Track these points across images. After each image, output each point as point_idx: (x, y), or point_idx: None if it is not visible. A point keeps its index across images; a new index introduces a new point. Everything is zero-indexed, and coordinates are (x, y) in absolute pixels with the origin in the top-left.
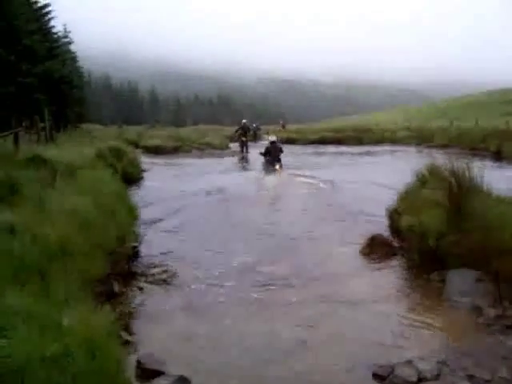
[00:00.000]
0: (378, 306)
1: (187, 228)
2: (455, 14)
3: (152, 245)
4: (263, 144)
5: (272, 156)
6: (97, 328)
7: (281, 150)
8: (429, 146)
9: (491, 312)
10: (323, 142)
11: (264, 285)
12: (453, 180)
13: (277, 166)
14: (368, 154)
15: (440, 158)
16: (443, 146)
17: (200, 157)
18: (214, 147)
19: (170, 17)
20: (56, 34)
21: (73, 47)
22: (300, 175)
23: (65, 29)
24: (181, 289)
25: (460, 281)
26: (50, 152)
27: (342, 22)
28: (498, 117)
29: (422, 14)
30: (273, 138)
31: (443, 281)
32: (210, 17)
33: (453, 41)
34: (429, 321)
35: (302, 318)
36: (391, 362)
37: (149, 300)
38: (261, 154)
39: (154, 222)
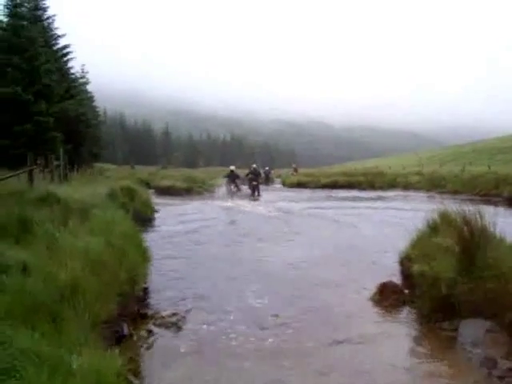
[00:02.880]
0: (389, 356)
1: (198, 270)
2: (468, 59)
3: (163, 286)
4: (276, 187)
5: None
6: (106, 371)
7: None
8: (441, 192)
9: (505, 364)
10: (335, 186)
11: (275, 329)
12: (465, 227)
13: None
14: (380, 199)
15: (452, 204)
16: (455, 192)
17: (212, 198)
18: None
19: (181, 57)
20: (74, 74)
21: (89, 87)
22: (311, 215)
23: (82, 69)
24: (191, 332)
25: (473, 331)
26: (63, 191)
27: (356, 66)
28: (510, 163)
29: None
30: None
31: (455, 330)
32: (222, 58)
33: (465, 87)
34: (441, 372)
35: (313, 366)
36: None
37: (158, 343)
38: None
39: (165, 263)
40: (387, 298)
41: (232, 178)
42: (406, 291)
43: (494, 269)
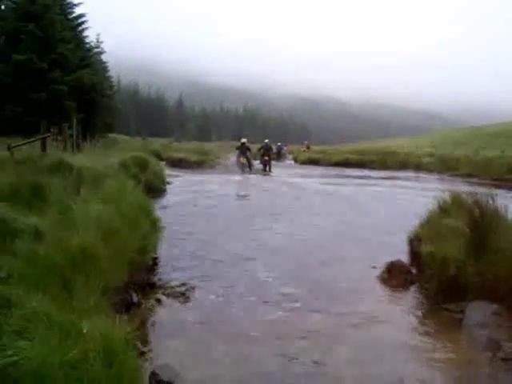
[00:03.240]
0: (394, 334)
1: (208, 243)
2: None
3: (172, 257)
4: (288, 164)
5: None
6: (115, 337)
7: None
8: (453, 174)
9: (509, 347)
10: (346, 164)
11: (282, 303)
12: (475, 209)
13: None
14: (391, 178)
15: (464, 187)
16: (467, 175)
17: (223, 172)
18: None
19: (197, 28)
20: (89, 43)
21: (103, 56)
22: (321, 193)
23: (97, 39)
24: (199, 303)
25: (479, 313)
26: (76, 159)
27: (372, 43)
28: None
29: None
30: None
31: (461, 312)
32: (239, 29)
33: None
34: (445, 352)
35: (320, 341)
36: None
37: (166, 312)
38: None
39: (175, 234)
40: (395, 277)
41: (243, 150)
42: (414, 271)
43: (504, 252)
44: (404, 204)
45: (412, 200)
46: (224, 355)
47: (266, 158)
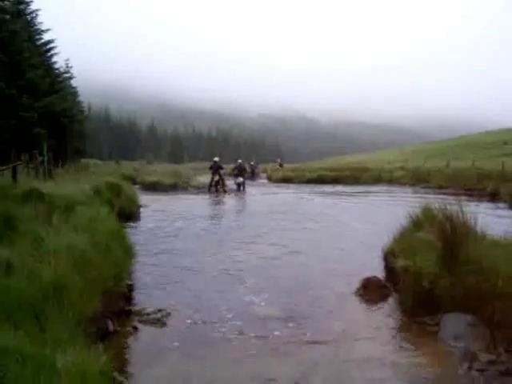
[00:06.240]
0: (371, 349)
1: (183, 266)
2: (451, 55)
3: (148, 283)
4: (262, 183)
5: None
6: (90, 369)
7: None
8: (425, 187)
9: (485, 357)
10: (320, 181)
11: (260, 324)
12: (447, 223)
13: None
14: (365, 193)
15: (436, 200)
16: (439, 187)
17: (197, 194)
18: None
19: (168, 51)
20: (58, 69)
21: (73, 81)
22: (296, 210)
23: (66, 64)
24: (176, 328)
25: (454, 325)
26: (47, 187)
27: (340, 63)
28: (494, 158)
29: (417, 55)
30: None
31: (437, 324)
32: (207, 53)
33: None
34: (422, 365)
35: (298, 362)
36: None
37: (143, 340)
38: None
39: (150, 259)
40: (371, 292)
41: (215, 168)
42: (390, 286)
43: (474, 264)
44: (378, 219)
45: (386, 214)
46: (203, 381)
47: (241, 178)
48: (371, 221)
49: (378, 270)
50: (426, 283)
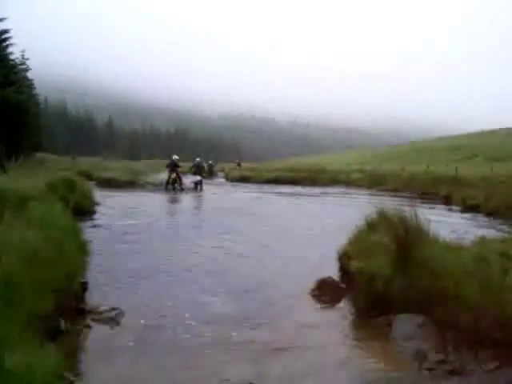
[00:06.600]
0: (326, 350)
1: (137, 264)
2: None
3: (101, 281)
4: (219, 182)
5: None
6: (40, 368)
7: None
8: (381, 190)
9: (434, 357)
10: (278, 181)
11: (214, 324)
12: (401, 226)
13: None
14: (322, 195)
15: (391, 202)
16: (395, 190)
17: (154, 191)
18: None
19: (128, 48)
20: (13, 60)
21: (29, 74)
22: (252, 211)
23: (22, 55)
24: (129, 327)
25: (406, 325)
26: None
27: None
28: (447, 162)
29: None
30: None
31: (389, 325)
32: (168, 50)
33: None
34: (374, 364)
35: (252, 361)
36: None
37: (96, 338)
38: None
39: (104, 257)
40: (326, 293)
41: (172, 166)
42: (344, 287)
43: (426, 267)
44: (335, 220)
45: (342, 216)
46: (156, 380)
47: (198, 177)
48: (327, 222)
49: (333, 272)
50: (379, 285)
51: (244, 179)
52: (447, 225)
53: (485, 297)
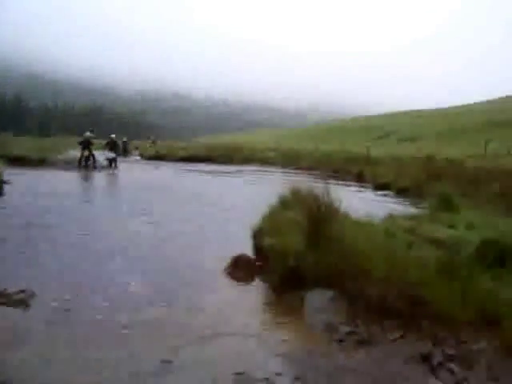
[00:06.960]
0: (238, 324)
1: (48, 245)
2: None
3: (11, 262)
4: (134, 159)
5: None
6: None
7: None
8: (296, 168)
9: (344, 329)
10: (193, 159)
11: (131, 306)
12: (313, 203)
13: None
14: (238, 172)
15: (305, 180)
16: (309, 168)
17: (66, 169)
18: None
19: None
20: None
21: None
22: (166, 188)
23: None
24: (41, 310)
25: (317, 300)
26: None
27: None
28: (361, 142)
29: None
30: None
31: (302, 300)
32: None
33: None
34: (286, 337)
35: (168, 340)
36: (249, 379)
37: (4, 323)
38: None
39: (13, 237)
40: (240, 270)
41: (86, 143)
42: (258, 264)
43: (336, 241)
44: (250, 197)
45: (257, 194)
46: (69, 363)
47: (112, 154)
48: (242, 199)
49: (248, 249)
50: (291, 261)
51: (159, 157)
52: (358, 201)
53: (391, 270)
